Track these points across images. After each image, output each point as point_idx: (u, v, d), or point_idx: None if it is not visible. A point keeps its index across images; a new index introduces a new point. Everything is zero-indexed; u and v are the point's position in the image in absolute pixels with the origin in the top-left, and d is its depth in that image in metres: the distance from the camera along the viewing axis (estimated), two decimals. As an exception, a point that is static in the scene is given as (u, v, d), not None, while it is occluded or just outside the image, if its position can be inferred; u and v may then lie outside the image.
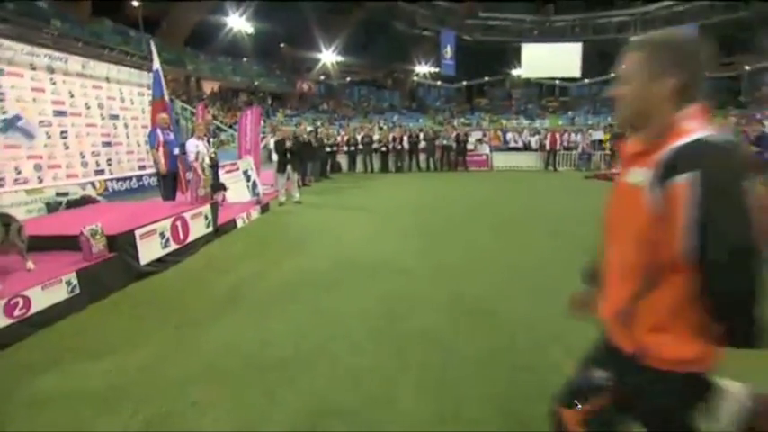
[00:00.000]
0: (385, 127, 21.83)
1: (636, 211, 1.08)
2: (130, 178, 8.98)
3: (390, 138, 15.07)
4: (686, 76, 1.07)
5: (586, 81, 30.67)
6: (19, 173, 6.64)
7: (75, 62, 7.63)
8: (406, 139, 15.00)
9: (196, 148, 6.36)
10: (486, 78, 34.95)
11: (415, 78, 35.74)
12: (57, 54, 7.34)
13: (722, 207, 0.94)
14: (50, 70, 7.18)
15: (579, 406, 1.27)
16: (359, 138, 15.01)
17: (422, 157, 15.14)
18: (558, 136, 15.06)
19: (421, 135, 15.44)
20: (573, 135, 15.92)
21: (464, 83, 35.10)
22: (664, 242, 1.02)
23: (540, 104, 35.24)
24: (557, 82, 33.10)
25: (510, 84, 35.80)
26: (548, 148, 14.90)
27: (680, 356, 1.06)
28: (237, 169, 8.53)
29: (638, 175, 1.08)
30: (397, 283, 4.24)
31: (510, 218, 7.29)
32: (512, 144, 16.73)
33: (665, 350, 1.06)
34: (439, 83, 35.46)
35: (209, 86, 28.23)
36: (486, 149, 15.80)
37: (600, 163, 14.53)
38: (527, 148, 16.13)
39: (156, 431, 2.20)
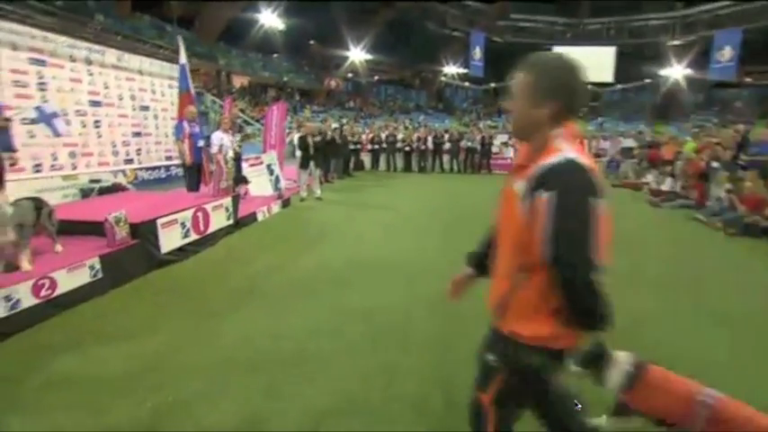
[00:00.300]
0: (410, 127, 21.76)
1: (514, 217, 1.26)
2: (159, 168, 9.21)
3: (415, 138, 15.01)
4: (564, 100, 1.24)
5: (619, 86, 29.81)
6: (55, 159, 6.91)
7: (111, 55, 7.88)
8: (430, 139, 14.91)
9: (220, 141, 6.47)
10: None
11: (443, 79, 35.50)
12: (95, 47, 7.61)
13: (570, 223, 1.14)
14: (88, 62, 7.43)
15: (488, 387, 1.46)
16: (383, 136, 15.01)
17: (446, 158, 15.01)
18: (585, 142, 14.67)
19: (446, 136, 15.31)
20: (602, 141, 15.49)
21: (492, 85, 34.64)
22: (531, 245, 1.20)
23: (569, 109, 34.43)
24: (588, 86, 32.25)
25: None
26: (575, 154, 14.52)
27: (541, 335, 1.28)
28: (261, 163, 8.64)
29: (519, 185, 1.26)
30: (414, 282, 4.21)
31: None
32: None
33: (530, 331, 1.29)
34: (466, 84, 35.10)
35: (238, 81, 28.76)
36: (510, 153, 15.55)
37: (628, 171, 14.07)
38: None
39: (162, 419, 2.24)
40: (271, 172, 8.65)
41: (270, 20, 26.39)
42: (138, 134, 8.55)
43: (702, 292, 4.14)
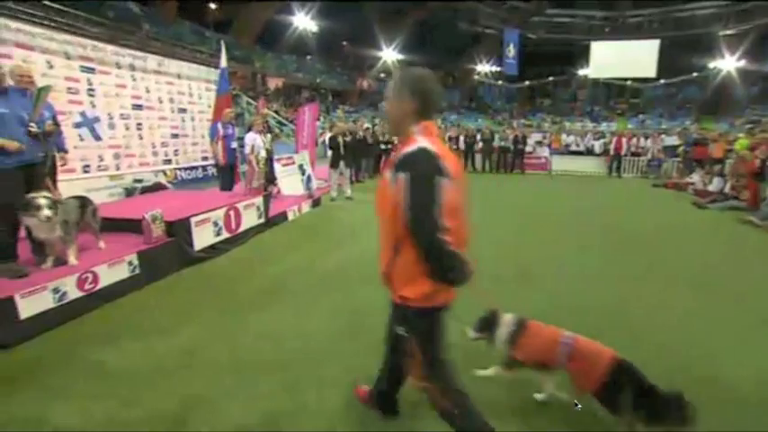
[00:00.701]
0: (442, 126, 21.58)
1: (387, 198, 1.58)
2: (196, 168, 9.55)
3: (446, 137, 14.88)
4: (419, 101, 1.63)
5: (662, 81, 28.41)
6: (101, 160, 7.28)
7: (152, 60, 8.23)
8: (462, 138, 14.75)
9: (253, 141, 6.64)
10: (551, 78, 33.45)
11: (476, 77, 35.01)
12: (138, 53, 7.98)
13: (419, 195, 1.49)
14: (132, 68, 7.80)
15: (413, 362, 1.72)
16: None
17: (478, 157, 14.81)
18: (624, 140, 14.07)
19: (478, 135, 15.11)
20: (642, 140, 14.82)
21: (526, 83, 33.86)
22: (400, 220, 1.53)
23: (607, 106, 33.21)
24: (628, 82, 30.91)
25: (576, 84, 34.04)
26: (612, 152, 14.00)
27: (424, 293, 1.61)
28: (293, 163, 8.79)
29: (388, 173, 1.59)
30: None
31: (563, 224, 6.97)
32: (573, 147, 15.88)
33: (414, 292, 1.62)
34: (500, 82, 34.48)
35: (273, 83, 29.39)
36: (545, 152, 15.16)
37: (671, 171, 13.40)
38: (590, 152, 15.26)
39: (189, 413, 2.31)
40: (302, 172, 8.79)
41: (303, 22, 26.84)
42: (176, 135, 8.89)
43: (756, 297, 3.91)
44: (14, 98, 3.53)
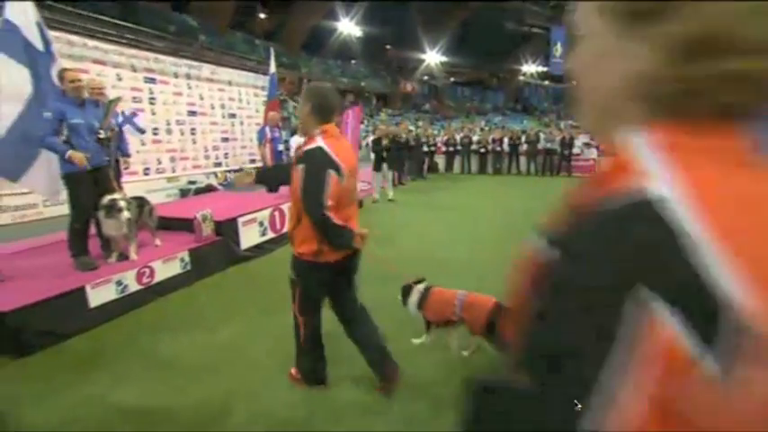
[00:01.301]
0: (486, 128, 21.26)
1: (294, 183, 2.14)
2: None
3: (490, 139, 14.65)
4: (317, 109, 2.18)
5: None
6: (159, 163, 7.77)
7: (206, 69, 8.72)
8: (506, 140, 14.46)
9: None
10: (603, 76, 31.95)
11: (521, 78, 34.20)
12: (194, 63, 8.48)
13: (310, 183, 2.06)
14: (188, 77, 8.30)
15: (294, 299, 2.40)
16: (458, 138, 14.85)
17: (522, 159, 14.45)
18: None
19: (522, 137, 14.75)
20: None
21: (574, 82, 32.50)
22: (299, 199, 2.13)
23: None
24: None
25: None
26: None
27: (310, 252, 2.19)
28: (336, 166, 8.98)
29: (297, 165, 2.15)
30: (477, 285, 4.12)
31: None
32: None
33: (304, 250, 2.22)
34: (546, 83, 33.48)
35: (318, 88, 30.08)
36: (593, 154, 14.51)
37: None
38: (646, 153, 14.41)
39: (232, 404, 2.43)
40: (345, 174, 8.94)
41: (348, 27, 27.35)
42: (226, 139, 9.34)
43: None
44: (89, 109, 3.86)
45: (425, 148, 13.81)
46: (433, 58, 32.46)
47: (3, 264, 3.88)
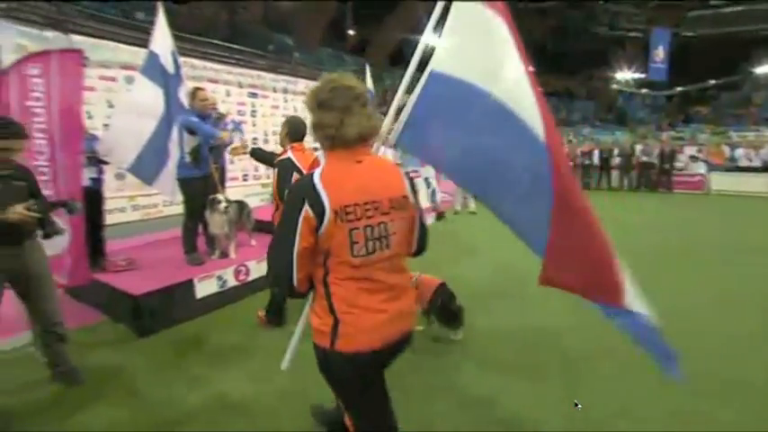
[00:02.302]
0: (574, 140, 20.16)
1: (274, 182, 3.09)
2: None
3: (578, 152, 13.91)
4: (289, 131, 3.24)
5: None
6: (256, 170, 8.52)
7: (301, 83, 9.40)
8: (596, 153, 13.63)
9: (383, 154, 7.08)
10: (712, 82, 28.67)
11: (615, 86, 31.96)
12: (291, 78, 9.23)
13: (281, 182, 3.02)
14: (285, 91, 9.04)
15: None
16: (541, 150, 14.29)
17: (614, 174, 13.52)
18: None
19: (615, 150, 13.80)
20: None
21: (677, 89, 29.60)
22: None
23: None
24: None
25: (751, 86, 28.41)
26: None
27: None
28: (420, 176, 9.12)
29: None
30: (559, 303, 3.97)
31: (712, 263, 5.57)
32: (742, 163, 13.08)
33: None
34: (644, 90, 30.92)
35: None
36: (701, 168, 13.10)
37: None
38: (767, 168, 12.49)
39: (312, 392, 2.62)
40: (428, 185, 9.06)
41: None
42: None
43: None
44: (208, 122, 4.39)
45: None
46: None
47: (134, 253, 4.53)
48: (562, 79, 34.68)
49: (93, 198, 4.12)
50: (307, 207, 1.34)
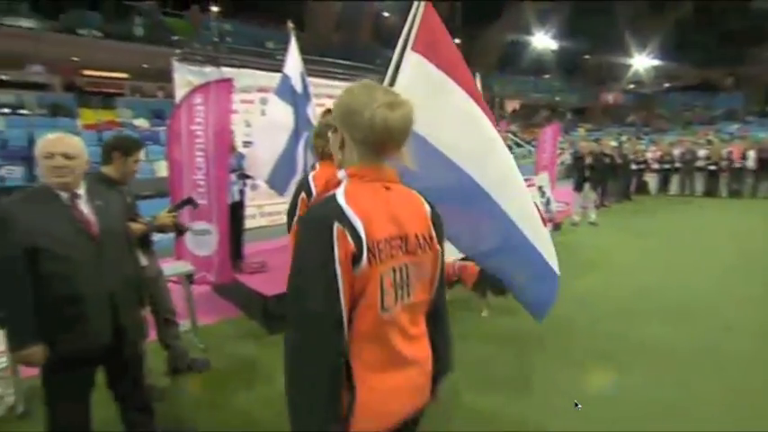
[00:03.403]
0: (716, 140, 17.41)
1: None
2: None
3: (724, 153, 11.96)
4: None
5: None
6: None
7: (410, 95, 9.66)
8: (751, 154, 11.51)
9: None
10: None
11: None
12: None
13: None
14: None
15: None
16: (676, 153, 12.60)
17: (773, 179, 11.33)
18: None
19: (777, 149, 11.56)
20: None
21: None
22: None
23: None
24: None
25: None
26: None
27: None
28: (533, 185, 8.67)
29: None
30: (713, 336, 3.44)
31: None
32: None
33: None
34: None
35: (510, 105, 29.75)
36: None
37: None
38: None
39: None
40: (542, 194, 8.56)
41: (542, 41, 26.31)
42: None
43: None
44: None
45: (635, 166, 12.14)
46: (642, 62, 28.51)
47: (265, 257, 5.00)
48: (697, 72, 30.16)
49: (238, 208, 4.66)
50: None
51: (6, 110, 11.53)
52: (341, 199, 1.05)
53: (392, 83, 2.22)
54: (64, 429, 1.90)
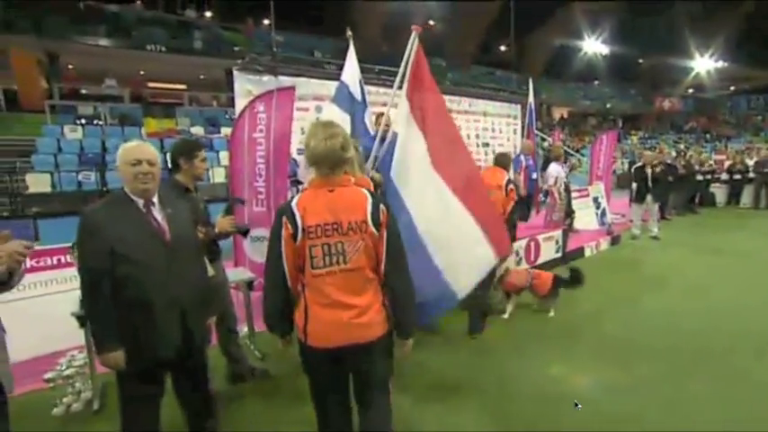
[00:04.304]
0: (755, 147, 15.93)
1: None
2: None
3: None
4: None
5: None
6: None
7: (464, 102, 9.45)
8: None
9: (557, 173, 6.61)
10: None
11: None
12: (454, 97, 9.33)
13: None
14: (449, 110, 9.22)
15: None
16: (749, 163, 11.66)
17: None
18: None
19: None
20: None
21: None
22: None
23: None
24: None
25: None
26: None
27: None
28: (587, 195, 8.29)
29: None
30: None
31: None
32: None
33: None
34: None
35: (558, 113, 28.84)
36: None
37: None
38: None
39: None
40: (597, 205, 8.17)
41: (593, 47, 25.38)
42: (479, 168, 9.86)
43: None
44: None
45: (701, 177, 11.34)
46: (704, 65, 26.82)
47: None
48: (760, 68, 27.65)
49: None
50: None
51: (83, 120, 12.82)
52: (293, 200, 1.72)
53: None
54: (133, 430, 1.94)
